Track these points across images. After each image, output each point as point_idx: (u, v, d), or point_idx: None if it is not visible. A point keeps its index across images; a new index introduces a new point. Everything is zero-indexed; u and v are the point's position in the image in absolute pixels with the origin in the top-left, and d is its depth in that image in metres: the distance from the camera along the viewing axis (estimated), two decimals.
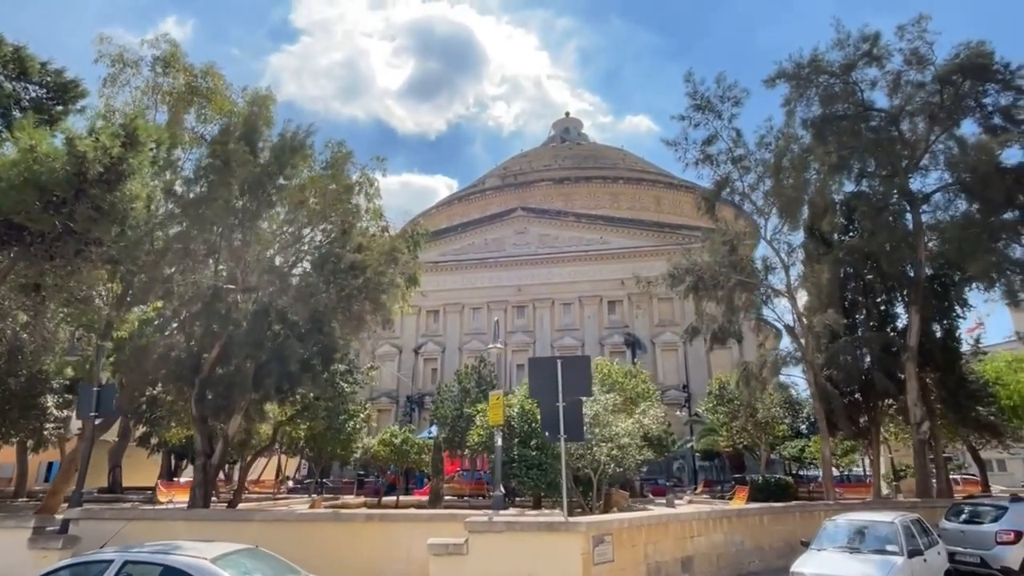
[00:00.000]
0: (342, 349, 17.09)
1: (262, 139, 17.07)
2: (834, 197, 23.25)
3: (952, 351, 21.82)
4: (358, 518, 12.69)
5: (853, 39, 21.25)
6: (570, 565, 10.15)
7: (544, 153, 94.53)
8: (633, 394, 20.33)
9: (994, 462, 58.96)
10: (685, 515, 13.28)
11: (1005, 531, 13.64)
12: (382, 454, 23.87)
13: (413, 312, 62.85)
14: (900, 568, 10.71)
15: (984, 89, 20.87)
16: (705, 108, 20.44)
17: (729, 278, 20.36)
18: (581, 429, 11.52)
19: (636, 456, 16.27)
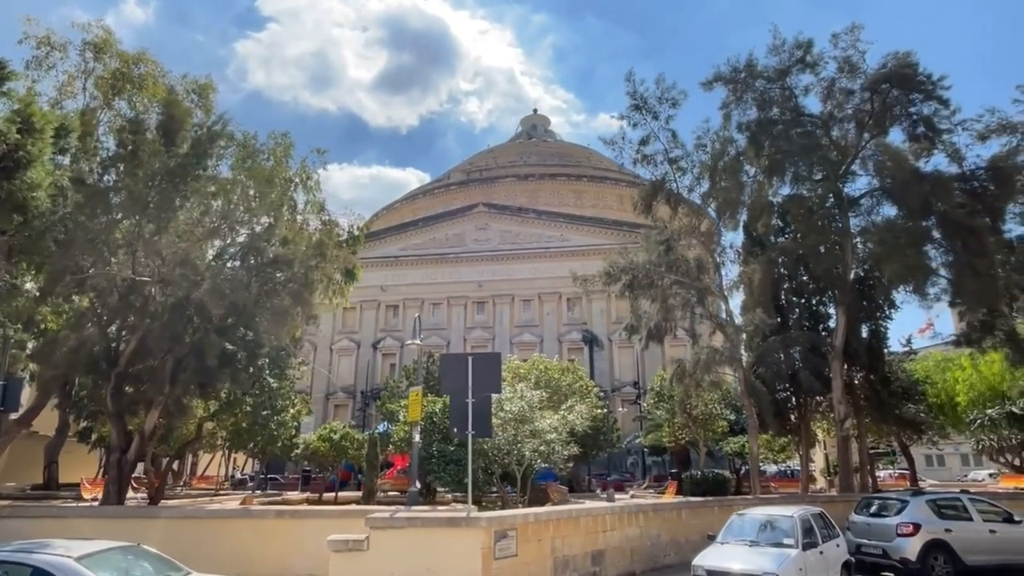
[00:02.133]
0: (268, 344, 16.87)
1: (186, 128, 16.72)
2: (771, 200, 23.86)
3: (876, 351, 22.61)
4: (268, 515, 12.60)
5: (788, 45, 21.79)
6: (469, 560, 10.24)
7: (510, 149, 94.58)
8: (569, 391, 20.56)
9: (934, 457, 61.43)
10: (597, 509, 13.51)
11: (904, 524, 14.22)
12: (322, 450, 23.67)
13: (372, 307, 62.51)
14: (793, 560, 11.08)
15: (912, 98, 21.64)
16: (642, 108, 20.76)
17: (663, 277, 20.73)
18: (489, 425, 11.63)
19: (562, 452, 16.44)
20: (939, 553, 13.91)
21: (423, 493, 17.26)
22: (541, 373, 20.54)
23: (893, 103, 21.32)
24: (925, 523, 14.14)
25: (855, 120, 21.87)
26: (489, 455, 15.24)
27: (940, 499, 15.14)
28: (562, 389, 20.29)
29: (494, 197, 73.14)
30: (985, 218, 19.27)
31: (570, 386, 20.99)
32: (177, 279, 13.31)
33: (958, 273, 18.50)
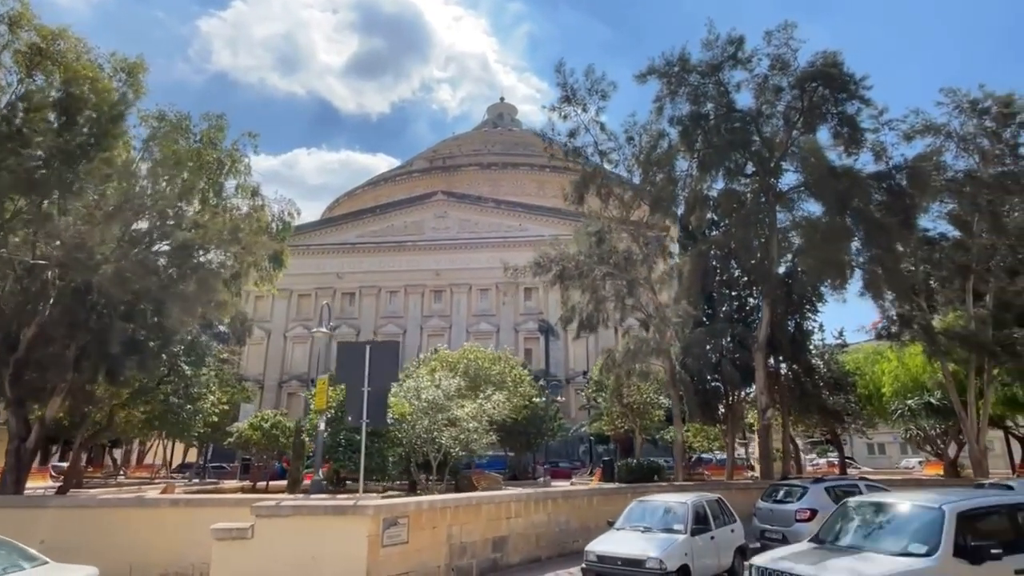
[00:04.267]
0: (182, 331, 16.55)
1: (101, 107, 16.18)
2: (706, 194, 24.23)
3: (800, 343, 23.27)
4: (163, 503, 12.45)
5: (721, 41, 22.04)
6: (355, 547, 10.27)
7: (475, 137, 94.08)
8: (498, 380, 20.71)
9: (875, 446, 63.70)
10: (501, 496, 13.69)
11: (802, 509, 14.75)
12: (254, 438, 23.42)
13: (327, 294, 61.73)
14: (679, 544, 11.42)
15: (838, 97, 22.16)
16: (571, 100, 20.84)
17: (593, 269, 20.95)
18: (385, 413, 11.66)
19: (481, 440, 16.58)
20: None
21: (333, 482, 17.24)
22: (470, 362, 20.63)
23: (820, 101, 21.82)
24: (821, 508, 14.62)
25: (784, 117, 22.32)
26: (404, 443, 15.26)
27: (838, 486, 15.72)
28: (491, 378, 20.43)
29: (456, 185, 72.76)
30: (901, 215, 19.92)
31: (499, 375, 21.14)
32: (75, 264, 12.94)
33: (870, 268, 19.12)
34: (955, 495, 8.24)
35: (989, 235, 23.00)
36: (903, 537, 7.24)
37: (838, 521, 8.24)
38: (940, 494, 8.58)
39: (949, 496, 7.97)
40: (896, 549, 7.00)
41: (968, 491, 10.12)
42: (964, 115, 23.85)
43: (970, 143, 23.84)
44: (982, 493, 9.46)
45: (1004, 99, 22.96)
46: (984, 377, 23.19)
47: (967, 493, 9.01)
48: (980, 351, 22.34)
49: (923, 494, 8.84)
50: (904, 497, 8.57)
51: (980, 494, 8.98)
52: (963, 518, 6.94)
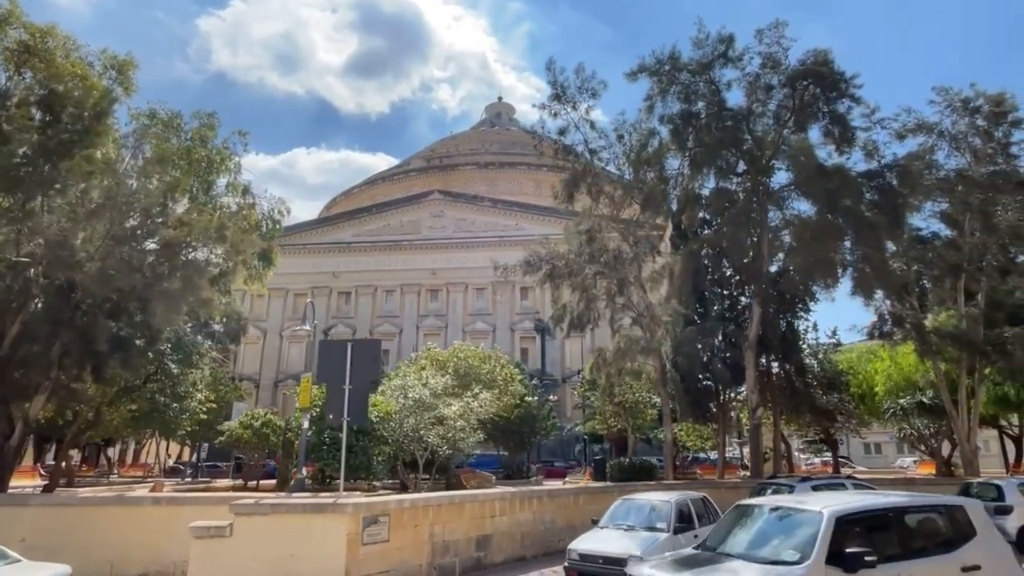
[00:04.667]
0: (169, 329, 16.50)
1: (90, 105, 16.12)
2: (698, 192, 24.19)
3: (791, 342, 23.23)
4: (145, 501, 12.43)
5: (711, 40, 22.01)
6: (334, 546, 10.24)
7: (472, 137, 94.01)
8: (488, 379, 20.67)
9: (871, 445, 63.75)
10: (486, 495, 13.66)
11: None
12: (244, 437, 23.34)
13: (324, 293, 61.70)
14: (661, 543, 11.39)
15: (829, 96, 22.13)
16: (561, 99, 20.81)
17: (584, 267, 20.91)
18: (366, 411, 11.64)
19: (468, 439, 16.54)
20: None
21: (319, 481, 17.20)
22: (460, 361, 20.62)
23: (811, 100, 21.79)
24: None
25: (775, 116, 22.29)
26: (390, 442, 15.23)
27: (825, 484, 15.72)
28: (480, 377, 20.40)
29: (453, 184, 72.69)
30: (891, 214, 19.89)
31: (489, 374, 21.12)
32: (57, 261, 12.89)
33: (859, 267, 19.09)
34: (846, 498, 7.68)
35: (981, 234, 22.97)
36: (782, 543, 6.74)
37: (727, 526, 7.68)
38: (841, 496, 8.05)
39: (841, 499, 7.47)
40: (771, 556, 6.52)
41: (878, 494, 9.15)
42: (956, 114, 23.82)
43: (962, 142, 23.81)
44: (872, 496, 8.45)
45: (995, 98, 22.93)
46: (975, 376, 23.17)
47: (861, 496, 8.12)
48: (971, 350, 22.31)
49: (822, 497, 8.29)
50: (796, 500, 8.03)
51: (868, 497, 8.03)
52: (843, 523, 6.44)
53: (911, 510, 7.25)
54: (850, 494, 8.56)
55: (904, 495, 8.02)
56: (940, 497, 8.76)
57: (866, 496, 8.18)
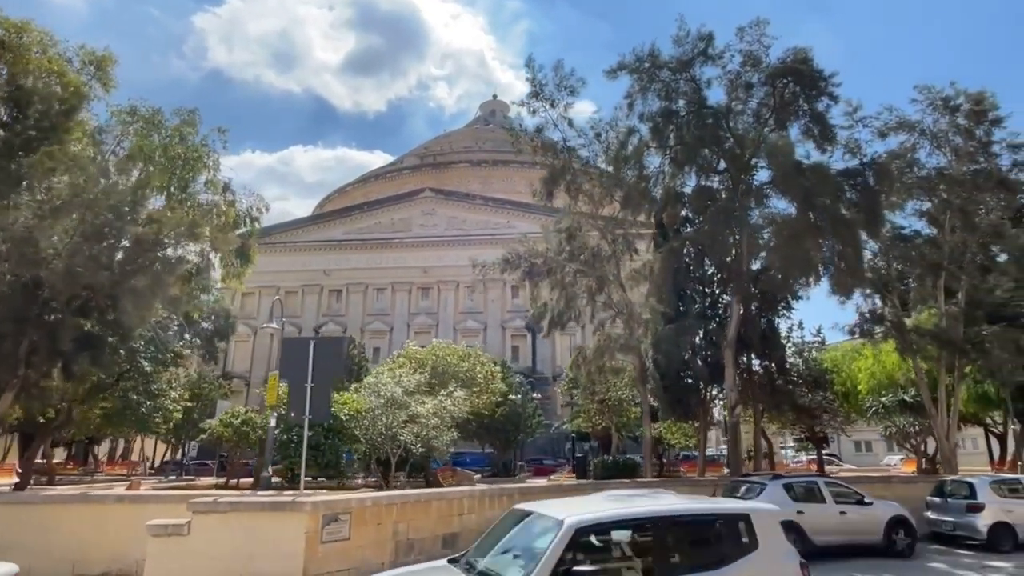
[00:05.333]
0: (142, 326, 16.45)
1: (39, 100, 15.97)
2: (680, 190, 24.15)
3: (771, 341, 23.24)
4: (108, 499, 12.37)
5: (691, 37, 21.92)
6: (292, 544, 10.19)
7: (466, 135, 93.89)
8: (467, 377, 20.65)
9: (862, 443, 63.97)
10: (453, 493, 13.62)
11: None
12: (225, 435, 23.31)
13: (314, 291, 61.65)
14: None
15: (811, 94, 22.10)
16: (539, 96, 20.77)
17: (563, 266, 20.89)
18: (328, 409, 11.60)
19: (443, 437, 16.53)
20: (789, 534, 14.33)
21: (290, 479, 17.17)
22: (438, 359, 20.59)
23: (791, 98, 21.75)
24: (779, 505, 14.62)
25: (755, 114, 22.26)
26: (362, 440, 15.20)
27: (796, 483, 15.72)
28: (459, 375, 20.38)
29: (447, 182, 72.70)
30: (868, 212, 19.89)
31: (467, 372, 21.10)
32: (21, 259, 12.82)
33: (835, 265, 19.11)
34: (605, 504, 6.79)
35: (961, 232, 23.01)
36: (519, 558, 5.97)
37: (496, 535, 6.89)
38: (607, 501, 7.06)
39: (599, 505, 6.70)
40: (503, 572, 5.84)
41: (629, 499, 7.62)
42: (937, 112, 23.85)
43: (943, 140, 23.84)
44: (637, 502, 7.06)
45: (976, 96, 22.96)
46: (955, 374, 23.21)
47: (621, 502, 7.00)
48: (951, 348, 22.35)
49: (584, 503, 7.37)
50: (552, 506, 6.92)
51: (629, 505, 6.84)
52: (583, 534, 5.69)
53: (680, 520, 6.33)
54: (612, 499, 7.30)
55: (680, 501, 7.03)
56: (724, 504, 7.60)
57: (629, 502, 7.00)
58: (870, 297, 23.78)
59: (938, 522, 16.98)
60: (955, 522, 16.43)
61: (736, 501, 8.49)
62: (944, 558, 14.87)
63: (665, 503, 6.79)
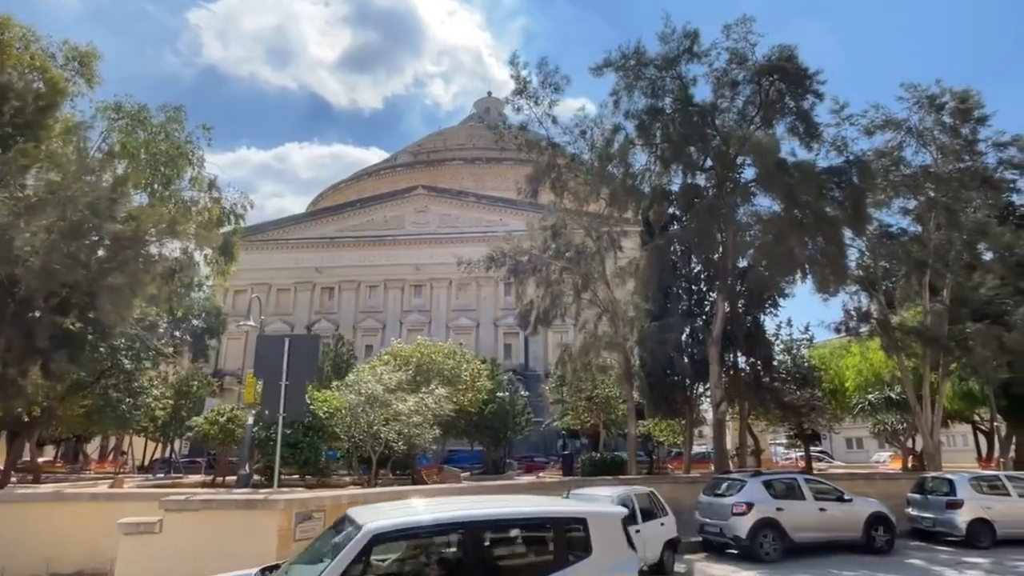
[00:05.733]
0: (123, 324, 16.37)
1: (17, 98, 15.87)
2: (667, 188, 24.14)
3: (756, 338, 23.27)
4: (82, 498, 12.35)
5: (677, 35, 21.89)
6: (264, 541, 10.20)
7: (460, 132, 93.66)
8: (451, 375, 20.64)
9: (853, 440, 64.22)
10: (430, 491, 13.62)
11: (738, 503, 14.75)
12: (211, 432, 23.27)
13: (307, 288, 61.51)
14: None
15: (796, 92, 22.10)
16: (523, 93, 20.73)
17: (549, 263, 20.88)
18: (302, 407, 11.58)
19: (425, 434, 16.52)
20: (769, 531, 14.47)
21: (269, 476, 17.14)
22: (423, 356, 20.57)
23: (777, 96, 21.75)
24: (758, 502, 14.68)
25: (741, 112, 22.26)
26: (342, 438, 15.18)
27: (776, 480, 15.77)
28: (443, 373, 20.36)
29: (440, 180, 72.53)
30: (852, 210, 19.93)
31: (452, 370, 21.09)
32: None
33: (817, 263, 19.14)
34: (421, 507, 6.49)
35: (946, 230, 23.06)
36: (317, 568, 5.53)
37: (315, 541, 6.62)
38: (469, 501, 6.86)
39: (415, 509, 6.35)
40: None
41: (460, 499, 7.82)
42: (923, 110, 23.89)
43: (928, 138, 23.87)
44: (460, 505, 6.80)
45: (961, 94, 22.98)
46: (940, 372, 23.29)
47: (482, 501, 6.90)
48: (935, 346, 22.42)
49: (395, 508, 6.90)
50: (375, 510, 6.56)
51: (447, 509, 6.42)
52: (380, 540, 5.36)
53: (502, 524, 5.93)
54: (427, 502, 7.01)
55: (510, 505, 6.58)
56: (559, 507, 6.85)
57: (447, 506, 6.60)
58: (856, 295, 23.82)
59: (919, 518, 17.08)
60: (935, 518, 16.52)
61: (578, 503, 7.11)
62: (922, 554, 14.95)
63: (491, 506, 6.37)
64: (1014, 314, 22.43)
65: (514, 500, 7.29)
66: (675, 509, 17.29)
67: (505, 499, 7.30)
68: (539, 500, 7.38)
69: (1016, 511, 16.13)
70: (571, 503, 7.58)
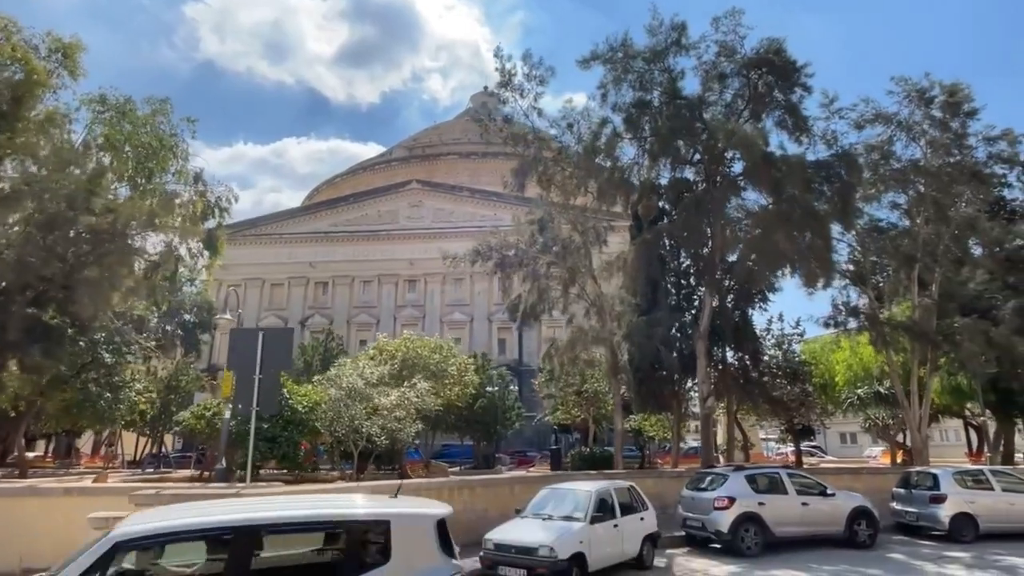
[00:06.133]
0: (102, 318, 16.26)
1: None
2: (656, 182, 24.01)
3: (744, 333, 23.20)
4: (56, 492, 12.24)
5: (665, 27, 21.74)
6: None
7: (455, 126, 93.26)
8: (437, 369, 20.56)
9: (847, 435, 64.30)
10: (408, 485, 13.50)
11: (720, 498, 14.70)
12: (197, 427, 23.17)
13: (300, 283, 61.34)
14: (574, 533, 11.34)
15: (784, 85, 21.96)
16: (508, 86, 20.57)
17: (536, 257, 20.78)
18: (276, 401, 11.49)
19: (408, 429, 16.43)
20: (750, 525, 14.44)
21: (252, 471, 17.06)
22: (408, 351, 20.49)
23: (765, 90, 21.62)
24: (740, 497, 14.64)
25: (730, 105, 22.13)
26: (322, 432, 15.09)
27: (759, 474, 15.72)
28: (429, 367, 20.28)
29: (436, 174, 72.23)
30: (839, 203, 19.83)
31: (438, 364, 21.02)
32: None
33: (804, 257, 19.06)
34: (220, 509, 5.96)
35: (934, 224, 23.00)
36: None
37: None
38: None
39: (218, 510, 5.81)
40: None
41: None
42: (913, 104, 23.79)
43: (918, 132, 23.78)
44: (232, 509, 6.09)
45: (950, 88, 22.89)
46: (928, 366, 23.26)
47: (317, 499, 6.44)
48: (923, 341, 22.39)
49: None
50: (147, 514, 6.13)
51: (219, 512, 5.80)
52: (124, 548, 5.02)
53: (279, 528, 5.34)
54: (242, 503, 6.58)
55: (301, 506, 6.05)
56: (361, 508, 6.04)
57: (220, 509, 6.03)
58: (845, 289, 23.77)
59: (903, 513, 17.07)
60: (918, 513, 16.51)
61: (386, 505, 6.23)
62: (904, 548, 14.93)
63: (280, 508, 5.85)
64: (1002, 309, 22.42)
65: (321, 499, 6.63)
66: (661, 504, 17.33)
67: (318, 499, 6.64)
68: (350, 500, 6.53)
69: (1000, 505, 16.14)
70: (381, 504, 6.27)
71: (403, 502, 6.25)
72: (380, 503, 6.35)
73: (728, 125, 21.54)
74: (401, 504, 6.13)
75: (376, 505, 6.17)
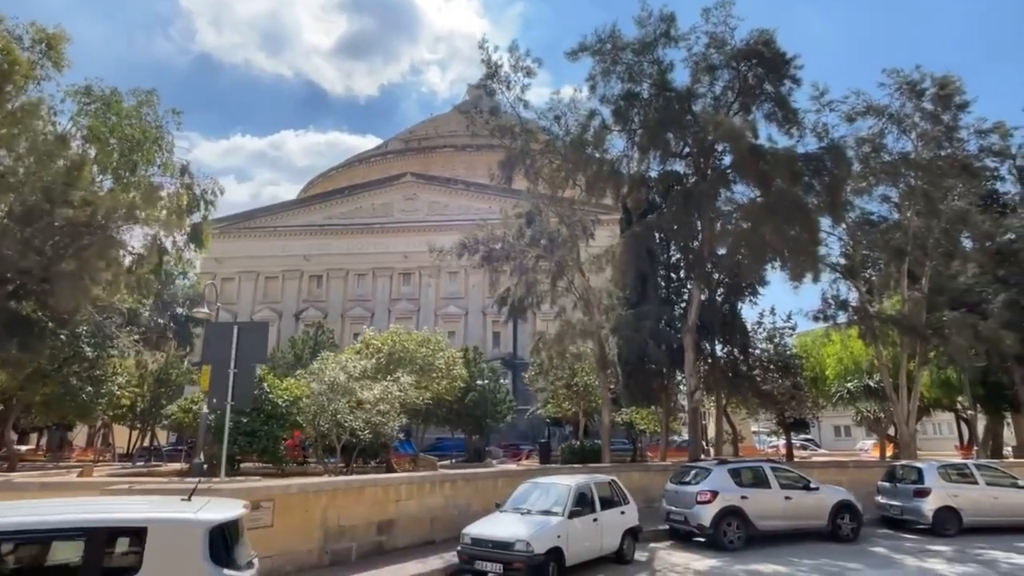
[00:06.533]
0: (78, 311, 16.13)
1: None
2: (646, 175, 23.86)
3: (732, 326, 23.14)
4: (31, 487, 12.21)
5: (654, 18, 21.53)
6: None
7: (451, 119, 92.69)
8: (424, 363, 20.48)
9: (841, 428, 64.46)
10: (389, 479, 13.52)
11: (703, 492, 14.65)
12: (185, 420, 23.11)
13: (294, 276, 61.20)
14: (552, 528, 11.29)
15: (773, 77, 21.78)
16: (494, 78, 20.39)
17: (524, 251, 20.67)
18: (251, 395, 11.40)
19: (392, 423, 16.37)
20: (732, 519, 14.39)
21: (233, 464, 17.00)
22: (395, 345, 20.40)
23: (755, 82, 21.44)
24: (723, 491, 14.59)
25: (719, 97, 21.96)
26: (304, 426, 15.03)
27: (742, 468, 15.67)
28: (416, 361, 20.21)
29: (432, 167, 71.99)
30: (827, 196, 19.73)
31: (425, 358, 20.94)
32: None
33: (790, 250, 18.96)
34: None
35: (924, 218, 22.89)
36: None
37: None
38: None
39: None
40: None
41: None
42: (904, 96, 23.61)
43: (909, 125, 23.62)
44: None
45: (941, 80, 22.70)
46: (916, 360, 23.22)
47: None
48: (912, 334, 22.32)
49: None
50: None
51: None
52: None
53: (8, 535, 4.93)
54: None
55: (55, 510, 5.61)
56: (116, 512, 5.60)
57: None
58: (835, 283, 23.69)
59: (887, 506, 17.06)
60: (903, 506, 16.49)
61: (150, 509, 5.86)
62: (887, 542, 14.91)
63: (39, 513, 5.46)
64: (992, 303, 22.36)
65: (87, 503, 6.21)
66: (646, 497, 17.30)
67: (84, 502, 6.24)
68: (113, 505, 6.15)
69: (983, 499, 16.12)
70: (143, 510, 5.80)
71: (182, 506, 5.85)
72: (148, 508, 5.97)
73: (717, 117, 21.39)
74: (171, 509, 5.77)
75: (135, 511, 5.75)
